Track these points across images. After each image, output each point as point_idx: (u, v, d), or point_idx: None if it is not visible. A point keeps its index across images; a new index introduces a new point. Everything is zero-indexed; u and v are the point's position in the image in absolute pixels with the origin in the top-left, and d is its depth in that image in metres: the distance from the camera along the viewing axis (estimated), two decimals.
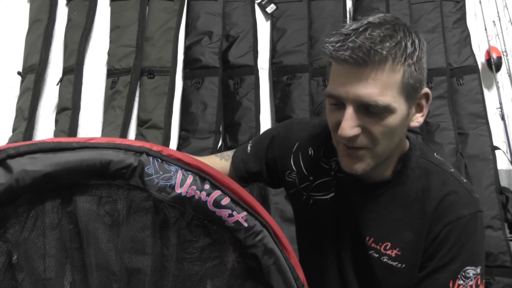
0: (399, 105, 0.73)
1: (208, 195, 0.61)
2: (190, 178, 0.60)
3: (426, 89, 0.77)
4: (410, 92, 0.73)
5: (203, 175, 0.61)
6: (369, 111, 0.72)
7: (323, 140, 0.93)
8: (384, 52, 0.69)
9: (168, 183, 0.60)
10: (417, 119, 0.79)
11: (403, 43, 0.70)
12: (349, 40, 0.70)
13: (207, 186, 0.61)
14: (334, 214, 0.90)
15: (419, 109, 0.79)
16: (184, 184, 0.60)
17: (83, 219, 0.60)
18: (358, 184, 0.86)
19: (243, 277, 0.65)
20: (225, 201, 0.61)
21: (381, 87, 0.70)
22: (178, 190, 0.60)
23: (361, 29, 0.71)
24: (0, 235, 0.56)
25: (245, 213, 0.62)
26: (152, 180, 0.59)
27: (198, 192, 0.60)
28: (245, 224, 0.62)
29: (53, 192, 0.58)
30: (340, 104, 0.74)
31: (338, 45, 0.71)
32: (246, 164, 1.01)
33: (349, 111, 0.72)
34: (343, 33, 0.72)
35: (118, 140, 0.60)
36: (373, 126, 0.73)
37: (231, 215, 0.62)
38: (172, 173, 0.60)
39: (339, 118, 0.74)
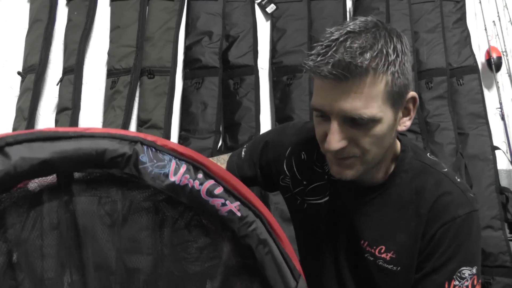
0: (385, 114, 0.72)
1: (201, 184, 0.61)
2: (183, 167, 0.61)
3: (412, 93, 0.77)
4: (395, 99, 0.72)
5: (196, 164, 0.62)
6: (355, 123, 0.71)
7: (316, 144, 0.92)
8: (365, 65, 0.67)
9: (162, 171, 0.60)
10: (405, 123, 0.79)
11: (385, 51, 0.69)
12: (329, 54, 0.68)
13: (200, 176, 0.61)
14: (329, 218, 0.90)
15: (407, 112, 0.78)
16: (177, 173, 0.60)
17: (83, 219, 0.60)
18: (352, 187, 0.86)
19: (243, 277, 0.65)
20: (218, 190, 0.62)
21: (365, 100, 0.69)
22: (172, 179, 0.60)
23: (341, 39, 0.69)
24: (0, 235, 0.57)
25: (238, 203, 0.62)
26: (146, 168, 0.60)
27: (191, 181, 0.61)
28: (238, 214, 0.62)
29: (53, 192, 0.58)
30: (326, 116, 0.74)
31: (318, 59, 0.69)
32: (241, 169, 1.01)
33: (335, 125, 0.71)
34: (323, 44, 0.70)
35: (114, 130, 0.61)
36: (360, 137, 0.72)
37: (224, 205, 0.62)
38: (166, 161, 0.61)
39: (326, 129, 0.73)
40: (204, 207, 0.62)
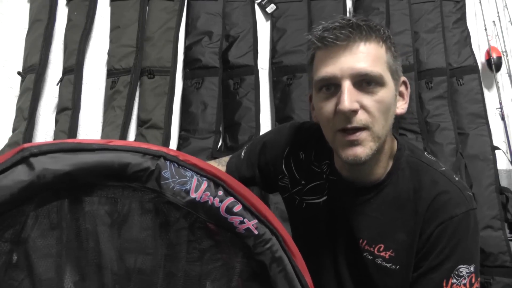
0: (389, 81, 0.76)
1: (221, 201, 0.62)
2: (204, 184, 0.61)
3: (403, 77, 0.82)
4: (393, 73, 0.78)
5: (217, 181, 0.62)
6: (363, 87, 0.74)
7: (313, 143, 0.93)
8: (371, 27, 0.75)
9: (184, 188, 0.61)
10: (402, 106, 0.83)
11: (379, 27, 0.78)
12: (331, 26, 0.75)
13: (220, 193, 0.62)
14: (327, 217, 0.90)
15: (401, 96, 0.83)
16: (198, 190, 0.61)
17: (83, 219, 0.60)
18: (350, 187, 0.86)
19: (248, 280, 0.66)
20: (237, 208, 0.62)
21: (372, 59, 0.74)
22: (193, 195, 0.61)
23: (336, 20, 0.76)
24: (0, 235, 0.57)
25: (256, 220, 0.63)
26: (168, 184, 0.60)
27: (211, 198, 0.61)
28: (255, 232, 0.63)
29: (54, 193, 0.58)
30: (333, 88, 0.76)
31: (323, 30, 0.75)
32: (239, 170, 1.02)
33: (347, 85, 0.74)
34: (321, 25, 0.77)
35: (136, 144, 0.61)
36: (369, 102, 0.75)
37: (242, 222, 0.62)
38: (188, 178, 0.61)
39: (336, 101, 0.75)
40: (222, 223, 0.62)
